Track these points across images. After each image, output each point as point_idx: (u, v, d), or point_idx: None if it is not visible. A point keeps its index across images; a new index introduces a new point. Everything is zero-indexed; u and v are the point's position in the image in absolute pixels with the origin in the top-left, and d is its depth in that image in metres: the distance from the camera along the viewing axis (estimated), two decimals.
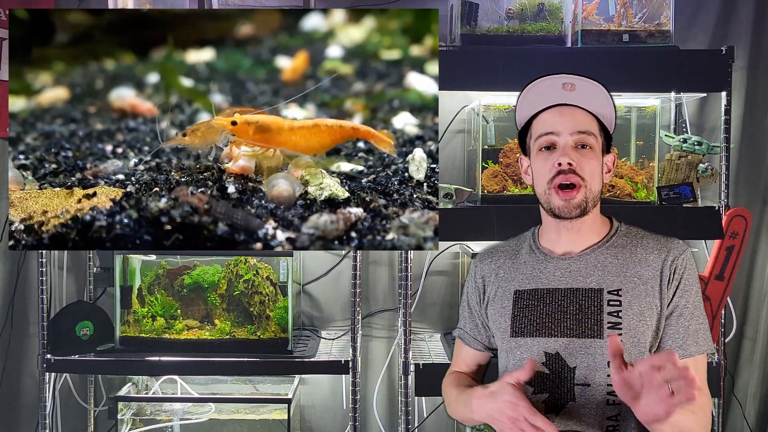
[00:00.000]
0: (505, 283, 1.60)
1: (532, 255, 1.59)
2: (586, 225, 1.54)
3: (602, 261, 1.52)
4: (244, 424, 2.72)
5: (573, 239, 1.55)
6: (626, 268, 1.50)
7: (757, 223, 2.86)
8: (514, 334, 1.53)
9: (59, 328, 2.47)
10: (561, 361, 1.47)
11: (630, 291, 1.48)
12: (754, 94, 2.85)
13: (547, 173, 1.50)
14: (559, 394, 1.47)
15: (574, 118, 1.50)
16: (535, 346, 1.50)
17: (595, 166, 1.50)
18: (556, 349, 1.48)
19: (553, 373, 1.48)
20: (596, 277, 1.51)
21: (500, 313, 1.58)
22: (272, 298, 2.55)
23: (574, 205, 1.48)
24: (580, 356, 1.45)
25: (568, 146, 1.48)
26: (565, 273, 1.53)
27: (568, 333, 1.48)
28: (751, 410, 2.90)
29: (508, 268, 1.61)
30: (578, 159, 1.48)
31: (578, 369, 1.46)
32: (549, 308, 1.51)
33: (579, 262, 1.53)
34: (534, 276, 1.56)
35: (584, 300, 1.49)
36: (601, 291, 1.49)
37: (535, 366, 1.38)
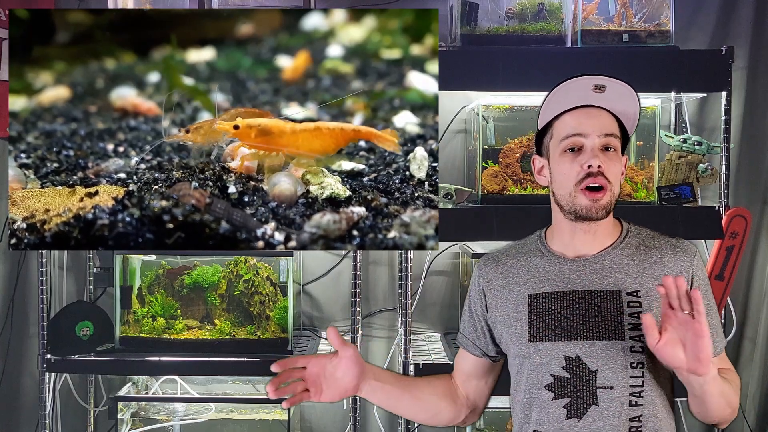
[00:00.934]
0: (518, 288, 1.56)
1: (543, 258, 1.56)
2: (601, 227, 1.52)
3: (618, 262, 1.51)
4: (244, 424, 2.72)
5: (587, 242, 1.53)
6: (643, 269, 1.50)
7: (757, 223, 2.87)
8: (533, 339, 1.50)
9: (59, 328, 2.47)
10: (582, 364, 1.46)
11: (649, 292, 1.48)
12: (754, 94, 2.86)
13: (574, 175, 1.48)
14: (582, 398, 1.45)
15: (601, 120, 1.49)
16: (555, 350, 1.48)
17: (618, 169, 1.49)
18: (577, 353, 1.46)
19: (573, 377, 1.46)
20: (614, 278, 1.49)
21: (515, 318, 1.54)
22: (272, 298, 2.55)
23: (600, 206, 1.46)
24: (602, 359, 1.44)
25: (596, 148, 1.47)
26: (581, 275, 1.51)
27: (588, 336, 1.46)
28: (751, 410, 2.90)
29: (518, 271, 1.58)
30: (605, 161, 1.46)
31: (600, 372, 1.45)
32: (567, 311, 1.49)
33: (595, 264, 1.52)
34: (548, 279, 1.53)
35: (603, 302, 1.48)
36: (620, 292, 1.48)
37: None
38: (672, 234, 1.61)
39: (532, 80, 2.38)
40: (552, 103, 1.53)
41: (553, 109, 1.53)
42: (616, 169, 1.48)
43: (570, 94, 1.51)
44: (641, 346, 1.43)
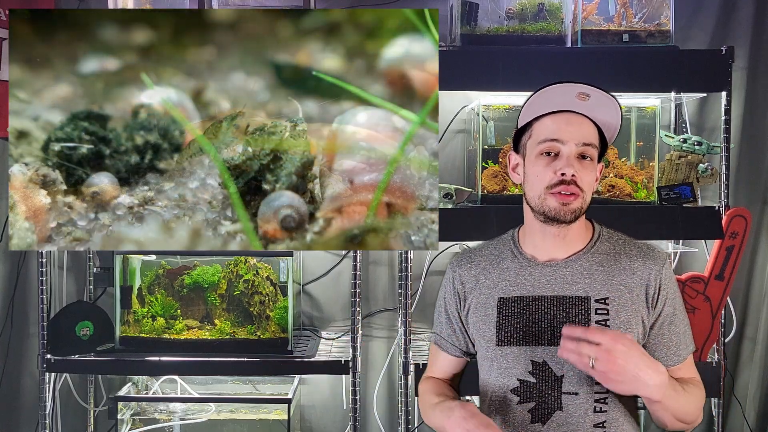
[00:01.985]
0: (488, 290, 1.57)
1: (515, 261, 1.57)
2: (572, 231, 1.53)
3: (588, 268, 1.51)
4: (244, 424, 2.72)
5: (558, 245, 1.53)
6: (612, 276, 1.50)
7: (757, 223, 2.87)
8: (500, 343, 1.51)
9: (59, 328, 2.47)
10: (548, 369, 1.47)
11: (617, 300, 1.48)
12: (754, 94, 2.86)
13: (546, 179, 1.48)
14: (547, 403, 1.46)
15: (581, 128, 1.49)
16: (522, 355, 1.49)
17: (592, 177, 1.50)
18: (543, 358, 1.47)
19: (540, 381, 1.47)
20: (583, 284, 1.50)
21: (484, 321, 1.55)
22: (272, 298, 2.55)
23: (569, 209, 1.46)
24: (568, 365, 1.44)
25: (572, 156, 1.47)
26: (551, 280, 1.52)
27: (555, 341, 1.46)
28: (751, 410, 2.90)
29: (490, 274, 1.59)
30: (579, 170, 1.47)
31: (566, 378, 1.46)
32: (535, 316, 1.50)
33: (565, 269, 1.52)
34: (518, 283, 1.54)
35: (572, 308, 1.48)
36: (588, 299, 1.48)
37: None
38: (672, 234, 1.61)
39: (532, 80, 2.36)
40: (535, 104, 1.54)
41: (535, 110, 1.53)
42: (589, 178, 1.49)
43: (554, 98, 1.51)
44: None
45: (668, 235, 2.50)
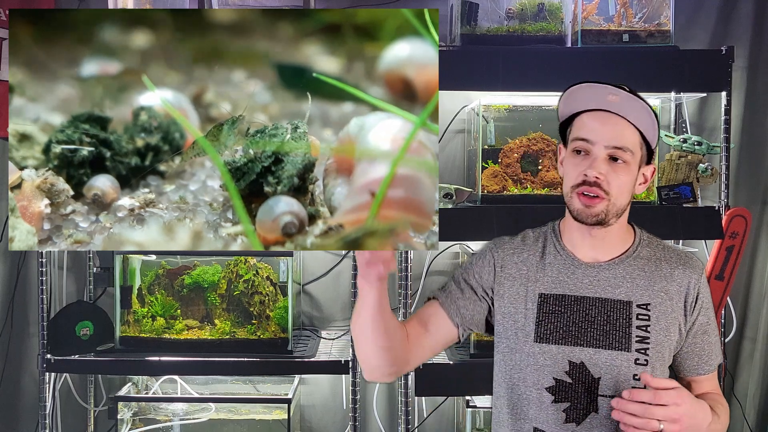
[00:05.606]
0: (530, 284, 1.54)
1: (558, 257, 1.55)
2: (611, 234, 1.51)
3: (630, 273, 1.51)
4: (244, 424, 2.72)
5: (597, 246, 1.52)
6: (653, 282, 1.50)
7: (757, 223, 2.87)
8: (539, 340, 1.50)
9: (59, 328, 2.47)
10: (585, 371, 1.46)
11: (658, 306, 1.48)
12: (754, 94, 2.86)
13: (573, 178, 1.46)
14: (582, 404, 1.45)
15: (615, 129, 1.45)
16: (560, 354, 1.47)
17: (624, 181, 1.46)
18: (581, 359, 1.46)
19: (576, 383, 1.46)
20: (625, 288, 1.49)
21: (523, 314, 1.53)
22: (272, 298, 2.55)
23: (592, 213, 1.44)
24: (606, 368, 1.44)
25: (599, 159, 1.44)
26: (594, 281, 1.51)
27: (594, 343, 1.46)
28: (751, 410, 2.90)
29: (533, 266, 1.55)
30: (608, 172, 1.43)
31: (603, 380, 1.45)
32: (576, 316, 1.48)
33: (608, 272, 1.51)
34: (561, 281, 1.52)
35: (613, 311, 1.48)
36: (630, 304, 1.48)
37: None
38: (672, 234, 1.61)
39: (532, 80, 2.38)
40: (573, 99, 1.49)
41: (573, 106, 1.49)
42: (620, 181, 1.44)
43: (589, 97, 1.46)
44: (646, 359, 1.44)
45: (668, 235, 2.50)
